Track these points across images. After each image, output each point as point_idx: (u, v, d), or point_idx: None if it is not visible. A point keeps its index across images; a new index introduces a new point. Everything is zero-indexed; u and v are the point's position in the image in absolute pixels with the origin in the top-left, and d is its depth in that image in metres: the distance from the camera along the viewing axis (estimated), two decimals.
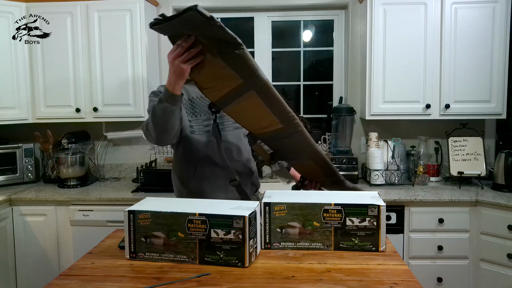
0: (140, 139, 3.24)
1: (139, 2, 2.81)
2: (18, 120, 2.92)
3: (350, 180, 2.85)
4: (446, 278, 2.55)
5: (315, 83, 3.37)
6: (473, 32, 2.72)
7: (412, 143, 3.06)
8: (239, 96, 1.55)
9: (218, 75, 1.50)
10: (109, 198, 2.66)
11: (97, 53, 2.86)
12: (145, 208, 1.45)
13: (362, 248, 1.50)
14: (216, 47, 1.42)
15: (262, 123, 1.64)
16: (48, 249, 2.71)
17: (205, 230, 1.37)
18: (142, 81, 2.87)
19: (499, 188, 2.68)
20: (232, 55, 1.41)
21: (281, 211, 1.51)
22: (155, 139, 1.71)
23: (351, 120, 2.99)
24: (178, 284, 1.27)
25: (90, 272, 1.38)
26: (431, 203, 2.52)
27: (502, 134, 3.02)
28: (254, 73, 1.50)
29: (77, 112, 2.91)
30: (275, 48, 3.32)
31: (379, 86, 2.79)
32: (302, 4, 3.14)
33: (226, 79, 1.50)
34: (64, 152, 2.95)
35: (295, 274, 1.33)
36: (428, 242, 2.54)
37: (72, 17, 2.85)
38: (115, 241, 1.66)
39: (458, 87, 2.76)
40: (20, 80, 2.88)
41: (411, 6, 2.73)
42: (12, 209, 2.69)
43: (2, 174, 2.96)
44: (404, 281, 1.29)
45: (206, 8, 3.46)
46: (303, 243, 1.52)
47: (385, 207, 1.49)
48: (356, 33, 3.11)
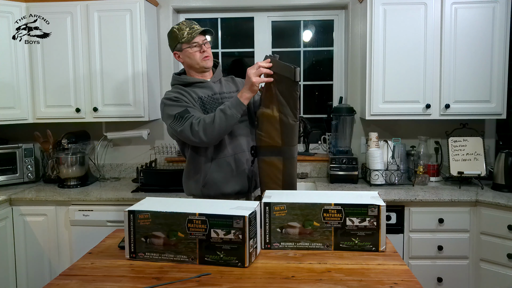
0: (140, 139, 3.24)
1: (139, 2, 2.81)
2: (18, 120, 2.91)
3: (350, 180, 2.89)
4: (446, 278, 2.55)
5: (315, 83, 3.37)
6: (473, 32, 2.72)
7: (412, 143, 3.06)
8: (270, 155, 1.92)
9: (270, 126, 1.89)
10: (109, 198, 2.66)
11: (97, 53, 2.86)
12: (145, 208, 1.45)
13: (362, 248, 1.50)
14: (281, 105, 1.86)
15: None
16: (48, 249, 2.71)
17: (205, 230, 1.37)
18: (142, 81, 2.87)
19: (499, 188, 2.68)
20: (287, 121, 1.87)
21: (281, 211, 1.51)
22: (212, 140, 1.88)
23: (351, 120, 2.99)
24: (178, 284, 1.27)
25: (90, 272, 1.38)
26: (431, 203, 2.52)
27: (502, 134, 3.02)
28: (292, 144, 1.91)
29: (77, 112, 2.91)
30: (275, 48, 3.32)
31: (379, 86, 2.79)
32: (302, 4, 3.14)
33: (272, 133, 1.89)
34: (64, 152, 2.95)
35: (295, 274, 1.33)
36: (428, 242, 2.54)
37: (72, 17, 2.85)
38: (115, 241, 1.66)
39: (458, 87, 2.76)
40: (20, 80, 2.88)
41: (411, 6, 2.73)
42: (12, 209, 2.69)
43: (2, 174, 2.96)
44: (404, 281, 1.29)
45: (206, 8, 3.48)
46: (303, 243, 1.52)
47: (385, 207, 1.49)
48: (356, 33, 3.11)
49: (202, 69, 2.04)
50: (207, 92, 2.02)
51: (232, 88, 2.11)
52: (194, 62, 2.02)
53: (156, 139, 3.25)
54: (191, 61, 2.02)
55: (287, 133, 1.88)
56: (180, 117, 1.89)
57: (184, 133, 1.88)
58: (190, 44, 1.98)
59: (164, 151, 3.12)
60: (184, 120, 1.88)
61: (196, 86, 2.03)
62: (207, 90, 2.03)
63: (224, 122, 1.83)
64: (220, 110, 1.85)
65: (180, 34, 1.99)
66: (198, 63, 2.01)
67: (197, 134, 1.84)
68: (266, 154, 1.93)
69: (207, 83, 2.04)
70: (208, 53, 2.03)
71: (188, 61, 2.03)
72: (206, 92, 2.02)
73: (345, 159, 2.88)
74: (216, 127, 1.83)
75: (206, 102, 1.99)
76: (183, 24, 2.01)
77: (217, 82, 2.09)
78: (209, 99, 2.00)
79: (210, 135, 1.84)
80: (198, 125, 1.84)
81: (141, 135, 3.13)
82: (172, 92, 2.01)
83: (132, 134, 3.16)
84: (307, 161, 3.16)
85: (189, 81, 2.04)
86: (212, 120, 1.84)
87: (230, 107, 1.84)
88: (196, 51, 2.00)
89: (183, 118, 1.88)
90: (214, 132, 1.84)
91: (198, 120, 1.86)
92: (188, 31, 1.99)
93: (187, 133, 1.86)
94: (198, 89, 2.02)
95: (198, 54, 2.00)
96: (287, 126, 1.87)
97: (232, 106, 1.85)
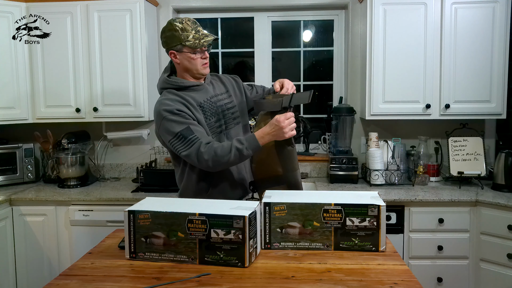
0: (140, 139, 3.24)
1: (139, 2, 2.81)
2: (18, 120, 2.91)
3: (350, 180, 2.89)
4: (446, 278, 2.55)
5: (315, 83, 3.37)
6: (473, 32, 2.72)
7: (412, 143, 3.06)
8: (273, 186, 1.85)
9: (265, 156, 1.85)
10: (109, 198, 2.66)
11: (97, 53, 2.86)
12: (145, 208, 1.45)
13: (362, 248, 1.50)
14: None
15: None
16: (48, 249, 2.71)
17: (205, 230, 1.37)
18: (142, 81, 2.87)
19: (499, 188, 2.68)
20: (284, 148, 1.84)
21: (281, 211, 1.51)
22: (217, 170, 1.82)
23: (351, 120, 2.99)
24: (178, 284, 1.27)
25: (90, 272, 1.38)
26: (431, 203, 2.52)
27: (502, 134, 3.02)
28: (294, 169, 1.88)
29: (77, 112, 2.91)
30: (275, 48, 3.32)
31: (379, 86, 2.79)
32: (302, 4, 3.14)
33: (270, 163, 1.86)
34: (64, 152, 2.95)
35: (295, 274, 1.33)
36: (428, 242, 2.54)
37: (72, 17, 2.85)
38: (115, 241, 1.66)
39: (458, 87, 2.76)
40: (20, 80, 2.88)
41: (411, 6, 2.73)
42: (12, 209, 2.69)
43: (2, 174, 2.96)
44: (404, 281, 1.29)
45: (206, 8, 3.48)
46: (303, 243, 1.52)
47: (385, 207, 1.49)
48: (356, 33, 3.11)
49: (200, 75, 1.94)
50: (204, 96, 1.93)
51: (222, 89, 2.03)
52: (193, 68, 1.90)
53: (156, 139, 3.24)
54: (191, 66, 1.90)
55: (285, 159, 1.84)
56: (183, 138, 1.77)
57: (189, 158, 1.79)
58: (194, 50, 1.87)
59: (164, 151, 3.12)
60: (190, 143, 1.76)
61: (192, 90, 1.92)
62: (203, 93, 1.93)
63: (238, 160, 1.77)
64: (237, 149, 1.75)
65: (184, 35, 1.84)
66: (197, 69, 1.91)
67: (205, 163, 1.76)
68: (267, 185, 1.86)
69: (202, 86, 1.95)
70: (208, 59, 1.93)
71: (187, 65, 1.90)
72: (203, 96, 1.93)
73: (345, 159, 2.88)
74: (229, 163, 1.77)
75: (205, 108, 1.91)
76: (187, 24, 1.86)
77: (209, 83, 2.01)
78: (207, 104, 1.92)
79: (218, 166, 1.77)
80: (207, 154, 1.75)
81: (141, 135, 3.13)
82: (171, 102, 1.84)
83: (132, 134, 3.16)
84: (307, 161, 3.16)
85: (185, 85, 1.91)
86: (225, 154, 1.75)
87: (248, 148, 1.75)
88: (198, 58, 1.89)
89: (187, 139, 1.77)
90: (224, 166, 1.78)
91: (207, 147, 1.76)
92: (194, 35, 1.85)
93: (193, 159, 1.77)
94: (194, 93, 1.92)
95: (199, 61, 1.89)
96: (285, 153, 1.84)
97: (249, 147, 1.75)
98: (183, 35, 1.85)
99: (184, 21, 1.87)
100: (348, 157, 2.90)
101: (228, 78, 2.11)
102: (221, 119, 1.94)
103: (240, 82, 2.13)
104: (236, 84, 2.10)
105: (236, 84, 2.10)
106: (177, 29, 1.85)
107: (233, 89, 2.07)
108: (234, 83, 2.10)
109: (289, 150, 1.84)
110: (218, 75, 2.12)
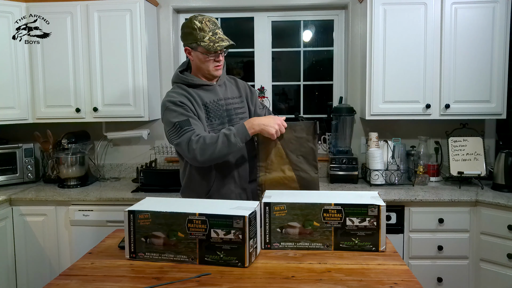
0: (140, 139, 3.24)
1: (139, 2, 2.81)
2: (18, 120, 2.91)
3: (350, 180, 2.89)
4: (446, 278, 2.55)
5: (315, 83, 3.37)
6: (473, 32, 2.72)
7: (412, 143, 3.06)
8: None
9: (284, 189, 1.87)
10: (109, 198, 2.66)
11: (97, 53, 2.86)
12: (145, 208, 1.45)
13: (362, 248, 1.50)
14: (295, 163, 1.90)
15: None
16: (48, 249, 2.71)
17: (205, 230, 1.37)
18: (142, 81, 2.87)
19: (499, 188, 2.68)
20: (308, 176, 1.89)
21: (281, 211, 1.51)
22: (206, 162, 1.80)
23: (351, 120, 2.99)
24: (178, 284, 1.27)
25: (90, 272, 1.38)
26: (431, 203, 2.52)
27: (502, 134, 3.02)
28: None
29: (77, 112, 2.91)
30: (275, 48, 3.32)
31: (379, 86, 2.79)
32: (302, 4, 3.14)
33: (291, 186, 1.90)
34: (64, 152, 2.95)
35: (295, 274, 1.33)
36: (428, 242, 2.54)
37: (72, 17, 2.85)
38: (115, 241, 1.66)
39: (458, 87, 2.76)
40: (20, 80, 2.88)
41: (411, 6, 2.73)
42: (12, 209, 2.69)
43: (2, 174, 2.95)
44: (404, 281, 1.29)
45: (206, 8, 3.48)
46: (303, 243, 1.52)
47: (385, 207, 1.49)
48: (356, 33, 3.11)
49: (211, 76, 1.94)
50: (212, 97, 1.93)
51: (236, 93, 2.03)
52: (205, 68, 1.91)
53: (156, 139, 3.25)
54: (203, 66, 1.91)
55: (309, 187, 1.87)
56: (179, 127, 1.79)
57: (179, 147, 1.80)
58: (208, 52, 1.87)
59: (164, 151, 3.12)
60: (183, 132, 1.78)
61: (201, 89, 1.93)
62: (212, 94, 1.94)
63: (226, 148, 1.76)
64: (225, 134, 1.77)
65: (201, 35, 1.85)
66: (209, 71, 1.92)
67: (193, 152, 1.76)
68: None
69: (213, 87, 1.95)
70: (221, 62, 1.93)
71: (199, 64, 1.92)
72: (211, 96, 1.93)
73: (345, 159, 2.88)
74: (216, 151, 1.75)
75: (210, 108, 1.91)
76: (205, 25, 1.86)
77: (222, 84, 2.01)
78: (213, 105, 1.92)
79: (206, 156, 1.76)
80: (196, 143, 1.75)
81: (141, 135, 3.13)
82: (177, 95, 1.88)
83: (132, 134, 3.16)
84: None
85: (195, 83, 1.93)
86: (213, 142, 1.76)
87: (235, 134, 1.77)
88: (211, 59, 1.89)
89: (182, 129, 1.79)
90: (213, 155, 1.76)
91: (198, 137, 1.77)
92: (211, 37, 1.85)
93: (183, 147, 1.78)
94: (203, 92, 1.93)
95: (212, 63, 1.90)
96: (309, 181, 1.87)
97: (237, 134, 1.77)
98: (199, 35, 1.86)
99: (204, 20, 1.88)
100: (348, 157, 2.90)
101: (245, 85, 2.11)
102: (225, 123, 1.94)
103: (255, 95, 2.14)
104: (251, 95, 2.11)
105: (251, 94, 2.11)
106: (195, 27, 1.86)
107: (245, 97, 2.08)
108: (249, 92, 2.10)
109: (313, 177, 1.89)
110: (236, 79, 2.13)
